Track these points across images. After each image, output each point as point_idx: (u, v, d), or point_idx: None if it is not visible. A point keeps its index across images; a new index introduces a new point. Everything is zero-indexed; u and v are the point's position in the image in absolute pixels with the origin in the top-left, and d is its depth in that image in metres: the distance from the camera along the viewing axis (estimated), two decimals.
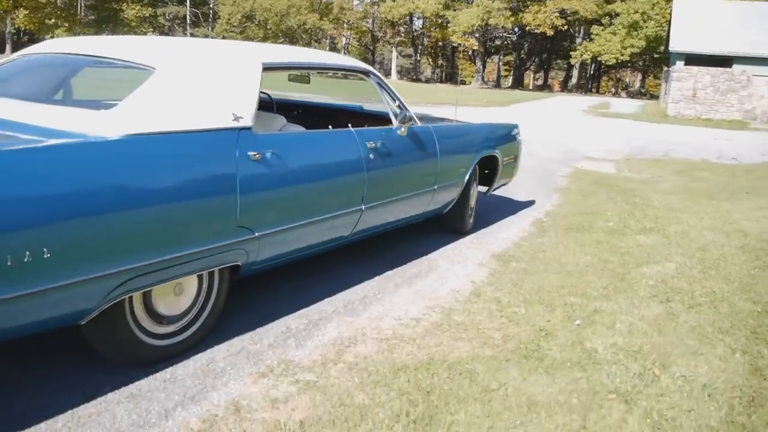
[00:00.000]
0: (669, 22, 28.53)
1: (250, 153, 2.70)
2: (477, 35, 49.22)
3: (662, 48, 35.86)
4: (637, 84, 66.28)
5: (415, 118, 3.96)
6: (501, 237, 5.09)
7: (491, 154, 4.94)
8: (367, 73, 3.82)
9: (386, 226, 3.94)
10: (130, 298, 2.40)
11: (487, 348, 2.96)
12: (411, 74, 64.61)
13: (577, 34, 49.97)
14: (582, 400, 2.54)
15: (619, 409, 2.49)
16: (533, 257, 4.55)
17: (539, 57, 65.40)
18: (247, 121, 2.73)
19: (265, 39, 50.64)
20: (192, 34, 60.82)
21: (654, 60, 47.33)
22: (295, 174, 2.97)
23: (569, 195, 7.34)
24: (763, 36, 23.32)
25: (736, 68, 22.70)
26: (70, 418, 2.19)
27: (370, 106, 5.47)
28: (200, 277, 2.72)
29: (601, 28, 41.21)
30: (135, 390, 2.40)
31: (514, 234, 5.23)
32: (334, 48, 64.29)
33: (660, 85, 56.01)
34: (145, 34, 53.01)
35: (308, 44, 54.26)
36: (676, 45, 24.11)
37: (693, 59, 23.71)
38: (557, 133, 15.42)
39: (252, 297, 3.33)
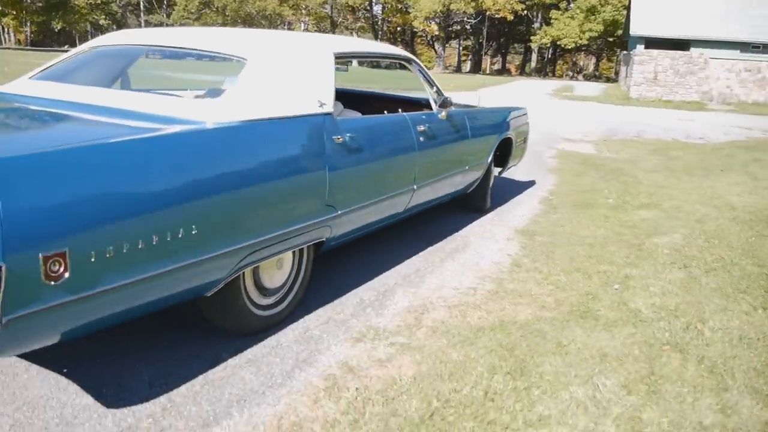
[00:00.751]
0: (628, 7, 29.43)
1: (334, 137, 2.92)
2: (438, 20, 49.53)
3: (619, 32, 36.95)
4: (591, 67, 67.76)
5: (453, 102, 4.22)
6: (518, 214, 5.42)
7: (507, 136, 5.25)
8: (409, 61, 4.06)
9: (427, 204, 4.20)
10: (243, 272, 2.60)
11: (545, 311, 3.27)
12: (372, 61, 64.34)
13: (535, 19, 50.80)
14: (643, 351, 2.87)
15: (676, 357, 2.83)
16: (554, 232, 4.88)
17: (497, 41, 66.21)
18: (329, 107, 2.95)
19: (223, 25, 49.81)
20: (147, 22, 59.27)
21: (607, 43, 48.55)
22: (367, 156, 3.19)
23: (563, 175, 7.72)
24: (718, 20, 24.32)
25: (694, 51, 23.66)
26: (205, 381, 2.39)
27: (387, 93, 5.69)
28: (294, 253, 2.94)
29: (560, 12, 42.07)
30: (251, 356, 2.61)
31: (528, 212, 5.56)
32: None
33: (612, 68, 57.49)
34: (96, 21, 51.32)
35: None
36: (636, 29, 24.93)
37: (652, 43, 24.56)
38: (531, 116, 15.86)
39: (320, 272, 3.56)
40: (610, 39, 44.17)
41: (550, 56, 57.84)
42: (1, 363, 2.41)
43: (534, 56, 55.27)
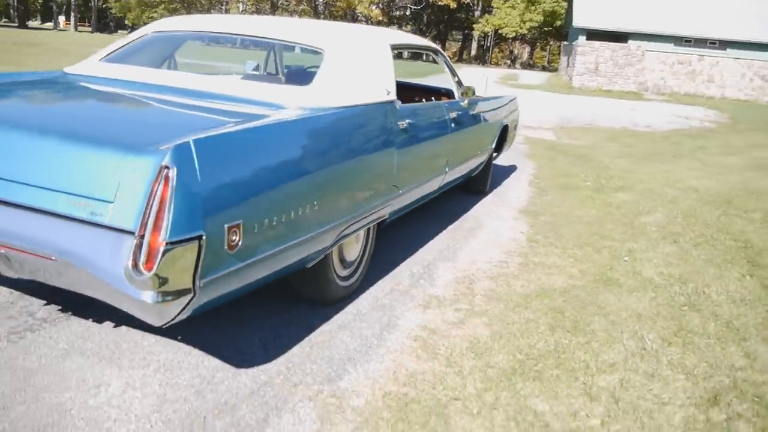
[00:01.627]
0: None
1: (399, 123, 3.20)
2: (381, 5, 49.67)
3: (558, 23, 38.31)
4: (525, 56, 69.56)
5: (474, 92, 4.56)
6: (514, 196, 5.84)
7: (506, 123, 5.65)
8: (437, 52, 4.36)
9: (450, 185, 4.53)
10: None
11: (575, 280, 3.68)
12: None
13: (475, 7, 51.71)
14: (667, 311, 3.32)
15: (695, 315, 3.29)
16: (553, 212, 5.32)
17: (437, 28, 66.94)
18: (393, 95, 3.22)
19: (160, 5, 48.24)
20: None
21: (542, 33, 50.06)
22: (419, 140, 3.49)
23: (537, 160, 8.22)
24: (655, 14, 25.67)
25: (632, 44, 24.92)
26: (310, 344, 2.65)
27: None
28: (366, 229, 3.22)
29: (501, 1, 43.05)
30: (340, 322, 2.88)
31: (522, 194, 5.99)
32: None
33: (545, 56, 59.34)
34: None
35: (208, 12, 52.19)
36: (579, 21, 25.99)
37: (593, 35, 25.70)
38: None
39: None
40: (547, 29, 45.56)
41: (489, 44, 59.09)
42: (118, 332, 2.59)
43: (474, 44, 56.32)
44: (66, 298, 2.82)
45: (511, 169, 7.32)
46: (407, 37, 4.07)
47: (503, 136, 5.84)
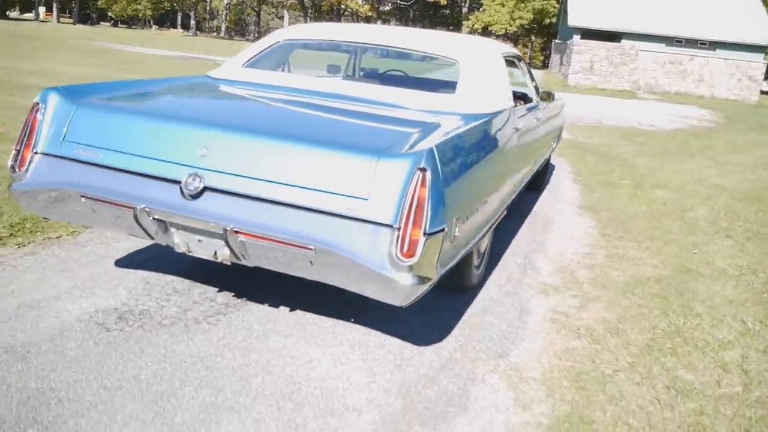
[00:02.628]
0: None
1: (516, 126, 3.54)
2: (370, 1, 49.83)
3: (547, 21, 38.92)
4: None
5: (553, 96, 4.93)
6: (566, 194, 6.21)
7: (562, 123, 6.02)
8: (520, 59, 4.70)
9: (531, 179, 4.88)
10: None
11: (660, 269, 4.05)
12: None
13: (462, 3, 52.16)
14: (752, 297, 3.71)
15: None
16: (608, 208, 5.71)
17: (423, 24, 67.28)
18: (512, 101, 3.56)
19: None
20: None
21: (526, 31, 50.75)
22: (524, 139, 3.83)
23: (568, 158, 8.61)
24: (647, 15, 26.34)
25: (626, 43, 25.56)
26: (465, 326, 2.98)
27: None
28: None
29: None
30: (481, 308, 3.21)
31: (571, 191, 6.37)
32: (209, 10, 62.29)
33: (526, 53, 60.13)
34: None
35: (193, 5, 51.96)
36: (573, 20, 26.54)
37: (587, 34, 26.28)
38: None
39: None
40: (535, 27, 46.15)
41: None
42: (296, 315, 2.89)
43: None
44: (233, 285, 3.11)
45: (550, 167, 7.69)
46: (506, 47, 4.40)
47: (559, 135, 6.22)
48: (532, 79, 4.81)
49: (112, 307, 2.81)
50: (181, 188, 2.30)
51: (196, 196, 2.29)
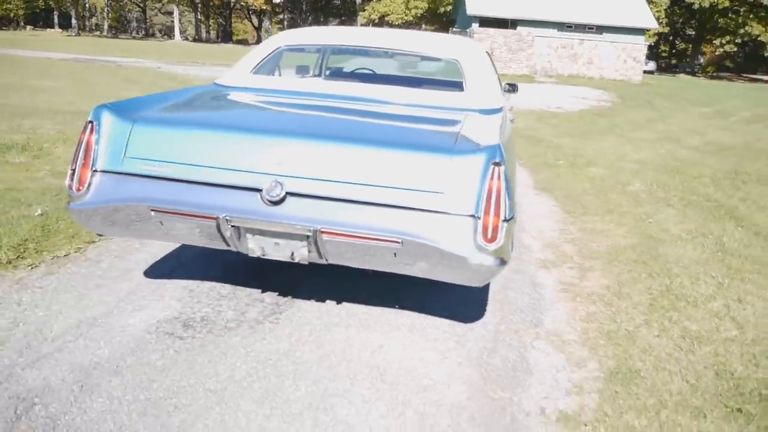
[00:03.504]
0: None
1: (511, 119, 3.88)
2: None
3: (441, 9, 40.06)
4: None
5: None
6: (517, 177, 6.68)
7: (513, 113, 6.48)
8: (490, 54, 5.05)
9: None
10: None
11: (630, 238, 4.56)
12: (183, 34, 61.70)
13: None
14: (710, 257, 4.29)
15: (731, 258, 4.28)
16: (559, 187, 6.23)
17: (314, 15, 67.03)
18: (503, 99, 3.89)
19: None
20: None
21: (418, 19, 52.05)
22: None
23: None
24: (541, 1, 27.83)
25: (522, 30, 26.92)
26: (495, 301, 3.29)
27: None
28: None
29: None
30: (499, 285, 3.53)
31: (520, 174, 6.85)
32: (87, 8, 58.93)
33: None
34: None
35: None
36: (472, 9, 27.57)
37: (485, 22, 27.41)
38: None
39: None
40: (428, 16, 47.30)
41: None
42: (344, 308, 3.07)
43: None
44: (273, 286, 3.24)
45: None
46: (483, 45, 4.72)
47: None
48: (496, 72, 5.18)
49: (171, 317, 2.87)
50: (262, 196, 2.43)
51: (278, 202, 2.42)
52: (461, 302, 3.24)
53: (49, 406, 2.18)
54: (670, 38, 57.52)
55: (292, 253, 2.53)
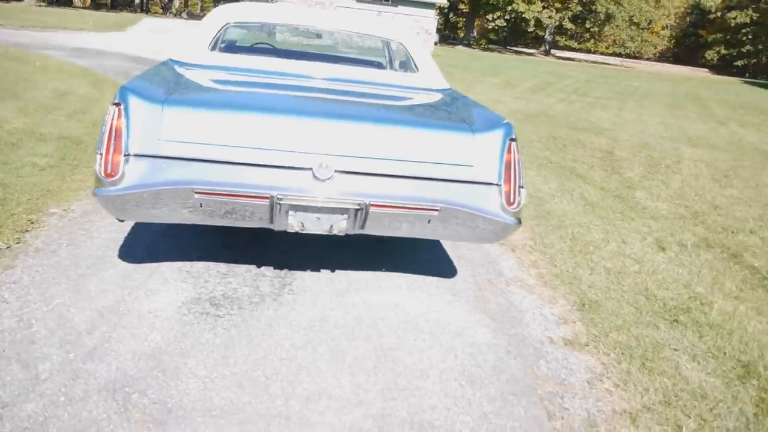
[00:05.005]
0: None
1: None
2: None
3: None
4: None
5: None
6: None
7: None
8: None
9: None
10: None
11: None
12: None
13: None
14: (581, 208, 5.24)
15: (596, 211, 5.29)
16: None
17: None
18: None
19: None
20: None
21: None
22: None
23: None
24: None
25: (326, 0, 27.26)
26: (485, 259, 3.78)
27: None
28: None
29: None
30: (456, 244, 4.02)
31: None
32: None
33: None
34: None
35: None
36: None
37: None
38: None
39: None
40: None
41: None
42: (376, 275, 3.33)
43: None
44: (262, 261, 3.35)
45: None
46: None
47: None
48: None
49: (193, 298, 2.88)
50: (313, 174, 2.59)
51: (327, 179, 2.61)
52: (432, 260, 3.68)
53: (145, 392, 2.17)
54: (448, 13, 62.37)
55: (331, 226, 2.73)
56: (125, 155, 2.48)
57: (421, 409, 2.28)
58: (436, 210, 2.72)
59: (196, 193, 2.51)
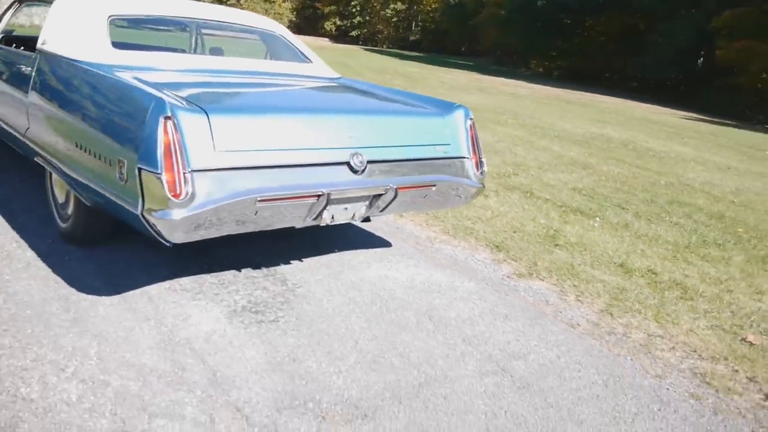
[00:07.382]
0: None
1: None
2: None
3: None
4: None
5: None
6: None
7: None
8: None
9: None
10: None
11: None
12: None
13: None
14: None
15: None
16: None
17: None
18: None
19: None
20: None
21: None
22: None
23: None
24: None
25: None
26: (430, 239, 4.21)
27: None
28: None
29: None
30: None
31: None
32: None
33: None
34: None
35: None
36: None
37: None
38: None
39: None
40: None
41: None
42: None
43: None
44: (238, 262, 3.33)
45: None
46: None
47: None
48: None
49: (230, 310, 2.81)
50: (350, 166, 2.79)
51: (362, 171, 2.83)
52: (362, 237, 4.04)
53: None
54: None
55: (354, 214, 2.97)
56: (185, 173, 2.33)
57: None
58: (434, 185, 3.18)
59: (260, 201, 2.51)
